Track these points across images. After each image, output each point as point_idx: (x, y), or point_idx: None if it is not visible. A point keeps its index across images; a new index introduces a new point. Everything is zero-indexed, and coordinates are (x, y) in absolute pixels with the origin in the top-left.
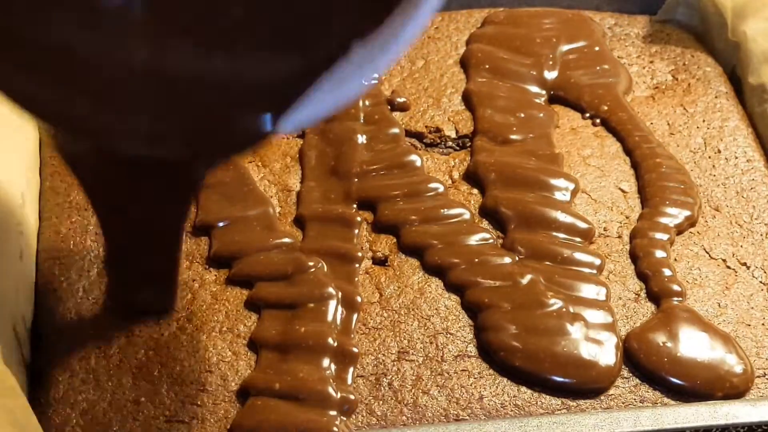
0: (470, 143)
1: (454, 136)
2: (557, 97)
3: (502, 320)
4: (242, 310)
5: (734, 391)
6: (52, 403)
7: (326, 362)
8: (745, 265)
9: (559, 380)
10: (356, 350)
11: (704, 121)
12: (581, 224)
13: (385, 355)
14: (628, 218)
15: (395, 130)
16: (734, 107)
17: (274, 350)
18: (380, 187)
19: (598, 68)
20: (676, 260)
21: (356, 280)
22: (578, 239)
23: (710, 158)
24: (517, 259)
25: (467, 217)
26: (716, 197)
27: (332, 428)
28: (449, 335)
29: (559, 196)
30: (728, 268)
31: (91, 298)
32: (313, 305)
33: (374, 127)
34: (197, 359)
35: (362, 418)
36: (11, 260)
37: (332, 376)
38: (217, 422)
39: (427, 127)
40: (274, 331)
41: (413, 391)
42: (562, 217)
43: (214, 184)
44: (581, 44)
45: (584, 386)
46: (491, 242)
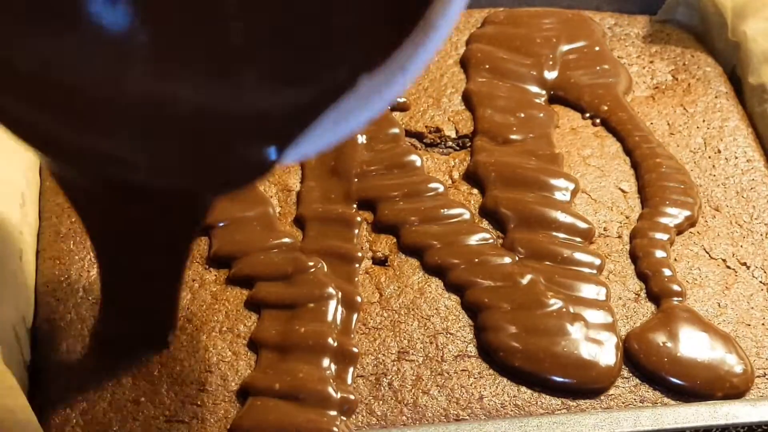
0: (470, 143)
1: (454, 136)
2: (557, 97)
3: (502, 320)
4: (242, 310)
5: (734, 391)
6: (52, 403)
7: (326, 362)
8: (745, 265)
9: (559, 380)
10: (356, 350)
11: (704, 121)
12: (581, 224)
13: (385, 355)
14: (628, 218)
15: (395, 130)
16: (734, 107)
17: (274, 350)
18: (380, 187)
19: (598, 68)
20: (676, 260)
21: (356, 280)
22: (578, 239)
23: (710, 158)
24: (517, 259)
25: (467, 217)
26: (716, 197)
27: (332, 428)
28: (449, 335)
29: (559, 196)
30: (728, 268)
31: (91, 298)
32: (313, 305)
33: (374, 127)
34: (197, 359)
35: (362, 418)
36: (11, 260)
37: (332, 376)
38: (217, 422)
39: (427, 127)
40: (274, 331)
41: (413, 391)
42: (562, 217)
43: None
44: (581, 44)
45: (584, 386)
46: (491, 242)
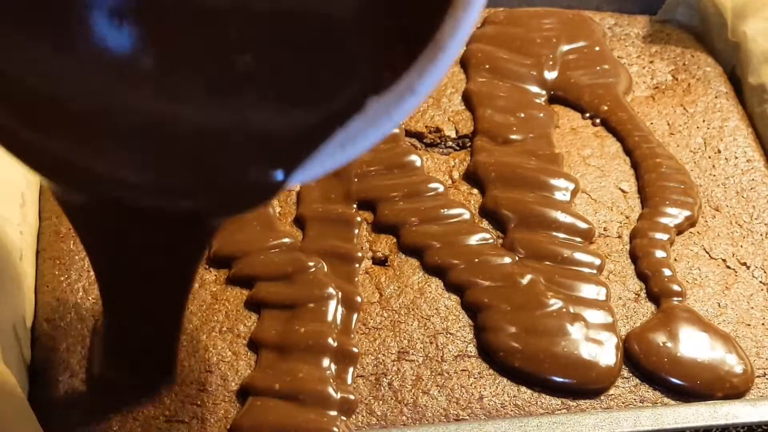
0: (470, 143)
1: (454, 136)
2: (557, 97)
3: (501, 320)
4: (242, 310)
5: (734, 391)
6: (52, 403)
7: (326, 362)
8: (745, 265)
9: (559, 380)
10: (356, 350)
11: (704, 121)
12: (581, 224)
13: (385, 355)
14: (628, 218)
15: (395, 130)
16: (734, 107)
17: (273, 350)
18: (380, 187)
19: (598, 68)
20: (676, 260)
21: (356, 280)
22: (578, 239)
23: (710, 158)
24: (517, 259)
25: (467, 217)
26: (716, 197)
27: (332, 428)
28: (449, 335)
29: (559, 196)
30: (728, 268)
31: (91, 298)
32: (313, 305)
33: None
34: (197, 359)
35: (362, 418)
36: (11, 260)
37: (332, 376)
38: (217, 422)
39: (427, 127)
40: (274, 331)
41: (413, 391)
42: (562, 217)
43: None
44: (581, 44)
45: (584, 386)
46: (491, 242)
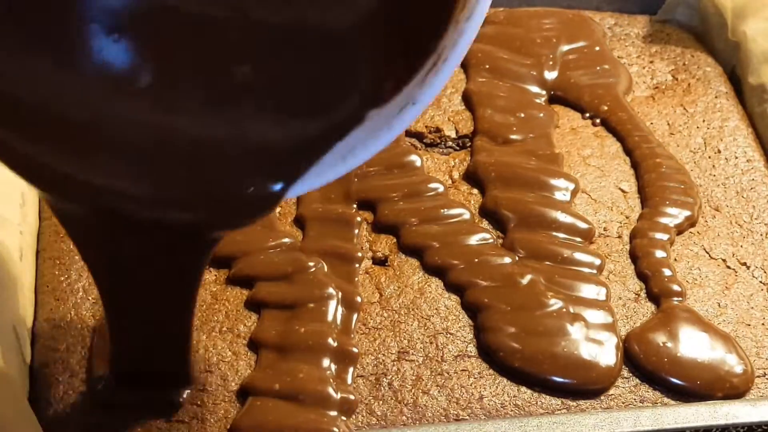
0: (470, 143)
1: (454, 136)
2: (557, 97)
3: (501, 321)
4: (242, 310)
5: (734, 391)
6: (52, 403)
7: (326, 362)
8: (745, 265)
9: (559, 380)
10: (356, 350)
11: (704, 121)
12: (581, 224)
13: (385, 355)
14: (628, 218)
15: None
16: (734, 107)
17: (273, 350)
18: (380, 187)
19: (598, 68)
20: (676, 260)
21: (356, 280)
22: (578, 239)
23: (710, 158)
24: (517, 259)
25: (467, 217)
26: (716, 197)
27: (332, 428)
28: (449, 335)
29: (559, 196)
30: (728, 268)
31: (91, 298)
32: (313, 305)
33: None
34: (197, 359)
35: (362, 418)
36: (11, 260)
37: (332, 376)
38: (217, 422)
39: (427, 127)
40: (274, 331)
41: (413, 391)
42: (562, 217)
43: None
44: (581, 44)
45: (584, 386)
46: (491, 242)
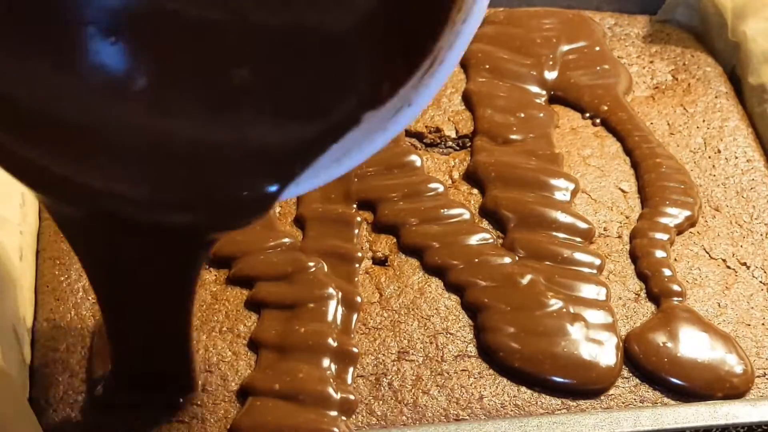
0: (470, 143)
1: (454, 136)
2: (557, 97)
3: (501, 321)
4: (242, 310)
5: (734, 391)
6: (52, 403)
7: (326, 362)
8: (745, 265)
9: (559, 381)
10: (356, 350)
11: (704, 121)
12: (581, 224)
13: (385, 355)
14: (628, 218)
15: None
16: (734, 107)
17: (274, 350)
18: (380, 187)
19: (598, 68)
20: (676, 260)
21: (356, 280)
22: (578, 239)
23: (710, 158)
24: (517, 259)
25: (467, 217)
26: (716, 197)
27: (332, 428)
28: (449, 335)
29: (559, 196)
30: (728, 268)
31: (91, 298)
32: (313, 305)
33: None
34: (197, 359)
35: (362, 418)
36: (11, 260)
37: (332, 376)
38: (217, 422)
39: (427, 127)
40: (274, 331)
41: (413, 391)
42: (562, 217)
43: None
44: (581, 44)
45: (584, 386)
46: (491, 242)
